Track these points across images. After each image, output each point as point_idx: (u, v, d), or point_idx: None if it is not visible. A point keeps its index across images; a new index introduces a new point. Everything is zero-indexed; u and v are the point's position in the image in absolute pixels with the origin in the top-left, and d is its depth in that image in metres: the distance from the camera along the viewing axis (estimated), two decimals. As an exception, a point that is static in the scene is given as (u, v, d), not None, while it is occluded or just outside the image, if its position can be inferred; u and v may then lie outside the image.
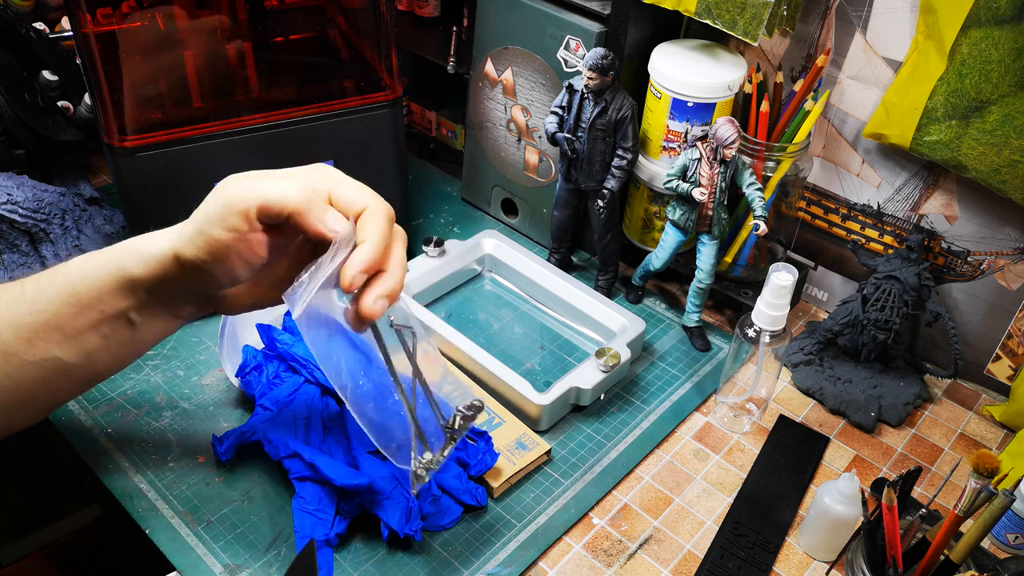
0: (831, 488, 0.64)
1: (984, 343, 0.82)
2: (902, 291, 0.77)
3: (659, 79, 0.81)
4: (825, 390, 0.81)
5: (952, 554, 0.56)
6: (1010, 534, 0.68)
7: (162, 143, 0.75)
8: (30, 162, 0.90)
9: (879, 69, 0.78)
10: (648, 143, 0.85)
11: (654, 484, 0.73)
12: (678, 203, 0.81)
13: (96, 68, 0.71)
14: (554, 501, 0.70)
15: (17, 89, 0.87)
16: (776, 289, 0.69)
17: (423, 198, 1.05)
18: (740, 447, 0.77)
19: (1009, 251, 0.77)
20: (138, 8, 0.78)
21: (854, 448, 0.77)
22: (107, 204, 0.95)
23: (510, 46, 0.89)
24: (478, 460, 0.69)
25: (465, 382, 0.77)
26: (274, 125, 0.78)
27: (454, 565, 0.65)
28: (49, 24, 0.95)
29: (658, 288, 0.93)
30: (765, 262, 0.89)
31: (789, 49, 0.83)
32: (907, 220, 0.82)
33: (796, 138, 0.80)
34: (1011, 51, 0.68)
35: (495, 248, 0.92)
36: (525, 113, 0.92)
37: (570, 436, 0.76)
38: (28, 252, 0.87)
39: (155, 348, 0.81)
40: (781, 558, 0.68)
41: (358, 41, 0.87)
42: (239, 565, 0.64)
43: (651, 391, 0.81)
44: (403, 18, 1.08)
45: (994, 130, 0.70)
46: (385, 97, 0.82)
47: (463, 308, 0.89)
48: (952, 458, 0.77)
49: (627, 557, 0.67)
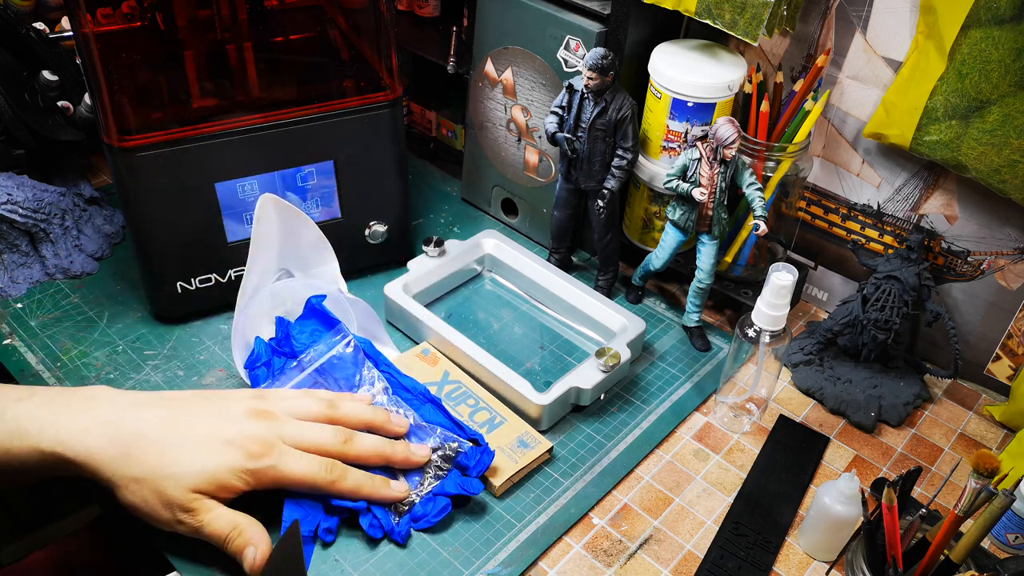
0: (831, 488, 0.64)
1: (984, 343, 0.82)
2: (902, 291, 0.77)
3: (659, 79, 0.81)
4: (825, 390, 0.81)
5: (952, 554, 0.56)
6: (1010, 534, 0.68)
7: (162, 143, 0.75)
8: (30, 162, 0.90)
9: (879, 69, 0.78)
10: (648, 143, 0.85)
11: (654, 484, 0.73)
12: (678, 203, 0.81)
13: (96, 68, 0.71)
14: (554, 501, 0.70)
15: (17, 89, 0.87)
16: (776, 289, 0.69)
17: (423, 198, 1.05)
18: (740, 447, 0.77)
19: (1009, 251, 0.77)
20: (138, 8, 0.78)
21: (854, 448, 0.77)
22: (107, 204, 0.95)
23: (510, 46, 0.89)
24: (477, 461, 0.68)
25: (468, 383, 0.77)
26: (274, 125, 0.78)
27: (454, 565, 0.65)
28: (49, 24, 0.95)
29: (658, 288, 0.94)
30: (765, 262, 0.89)
31: (789, 49, 0.83)
32: (907, 220, 0.82)
33: (796, 138, 0.80)
34: (1011, 51, 0.68)
35: (495, 248, 0.92)
36: (525, 113, 0.92)
37: (570, 436, 0.76)
38: (28, 252, 0.87)
39: (155, 348, 0.81)
40: (781, 558, 0.68)
41: (358, 41, 0.87)
42: (239, 565, 0.63)
43: (651, 391, 0.81)
44: (403, 18, 1.08)
45: (994, 130, 0.70)
46: (385, 97, 0.82)
47: (463, 308, 0.89)
48: (952, 458, 0.77)
49: (627, 557, 0.67)
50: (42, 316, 0.84)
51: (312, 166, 0.82)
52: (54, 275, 0.88)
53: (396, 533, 0.65)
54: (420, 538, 0.66)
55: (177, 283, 0.82)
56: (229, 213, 0.80)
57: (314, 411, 0.67)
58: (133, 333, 0.83)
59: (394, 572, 0.64)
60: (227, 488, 0.61)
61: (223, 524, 0.60)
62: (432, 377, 0.78)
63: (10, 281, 0.86)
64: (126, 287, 0.88)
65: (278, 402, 0.66)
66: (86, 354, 0.80)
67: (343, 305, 0.78)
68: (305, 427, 0.65)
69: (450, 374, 0.78)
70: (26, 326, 0.82)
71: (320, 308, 0.75)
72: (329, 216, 0.86)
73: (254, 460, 0.61)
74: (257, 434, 0.62)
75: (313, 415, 0.66)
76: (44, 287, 0.87)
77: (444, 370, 0.78)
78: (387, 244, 0.90)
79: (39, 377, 0.77)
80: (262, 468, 0.61)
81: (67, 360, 0.79)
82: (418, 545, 0.66)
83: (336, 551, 0.65)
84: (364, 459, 0.66)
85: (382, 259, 0.91)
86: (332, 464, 0.64)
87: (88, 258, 0.89)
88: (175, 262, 0.81)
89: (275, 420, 0.64)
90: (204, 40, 0.82)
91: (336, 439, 0.65)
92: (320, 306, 0.75)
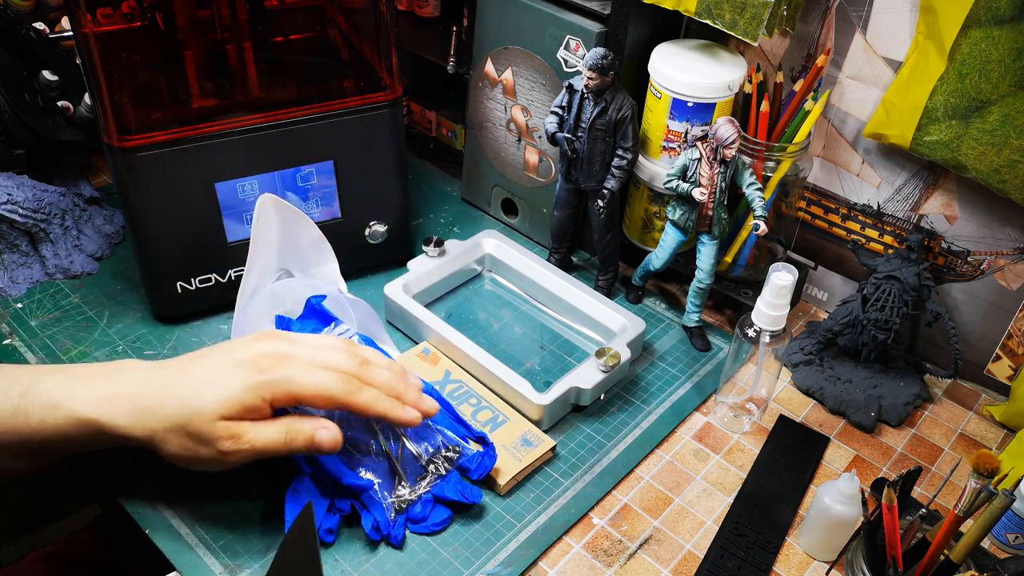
0: (831, 488, 0.64)
1: (984, 343, 0.82)
2: (902, 291, 0.77)
3: (659, 79, 0.81)
4: (825, 390, 0.81)
5: (952, 554, 0.56)
6: (1010, 534, 0.68)
7: (162, 143, 0.75)
8: (30, 162, 0.90)
9: (879, 69, 0.78)
10: (648, 143, 0.85)
11: (654, 484, 0.73)
12: (678, 203, 0.81)
13: (96, 68, 0.71)
14: (554, 501, 0.70)
15: (17, 89, 0.87)
16: (776, 289, 0.69)
17: (423, 198, 1.05)
18: (740, 447, 0.77)
19: (1009, 251, 0.77)
20: (138, 8, 0.78)
21: (854, 448, 0.77)
22: (107, 204, 0.95)
23: (510, 46, 0.89)
24: (478, 464, 0.68)
25: (469, 383, 0.78)
26: (274, 125, 0.78)
27: (454, 565, 0.65)
28: (49, 24, 0.95)
29: (658, 288, 0.94)
30: (765, 262, 0.89)
31: (789, 49, 0.83)
32: (907, 220, 0.82)
33: (796, 138, 0.80)
34: (1011, 51, 0.68)
35: (495, 248, 0.92)
36: (525, 113, 0.92)
37: (570, 436, 0.76)
38: (28, 252, 0.87)
39: (155, 348, 0.81)
40: (781, 558, 0.68)
41: (358, 41, 0.87)
42: (239, 565, 0.64)
43: (651, 391, 0.81)
44: (403, 18, 1.08)
45: (994, 130, 0.70)
46: (385, 97, 0.82)
47: (463, 308, 0.89)
48: (952, 458, 0.77)
49: (627, 557, 0.67)
50: (42, 316, 0.84)
51: (312, 166, 0.82)
52: (54, 275, 0.88)
53: (393, 537, 0.65)
54: (420, 538, 0.66)
55: (177, 283, 0.82)
56: (229, 213, 0.80)
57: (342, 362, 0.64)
58: (133, 333, 0.83)
59: (394, 572, 0.64)
60: (251, 408, 0.59)
61: (273, 433, 0.60)
62: (434, 376, 0.78)
63: (10, 281, 0.86)
64: (126, 287, 0.88)
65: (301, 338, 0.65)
66: (86, 354, 0.80)
67: (343, 305, 0.78)
68: (318, 348, 0.63)
69: (451, 373, 0.78)
70: (26, 326, 0.82)
71: (320, 308, 0.75)
72: (329, 216, 0.86)
73: (266, 372, 0.60)
74: (267, 350, 0.61)
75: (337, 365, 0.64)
76: (44, 287, 0.87)
77: (445, 369, 0.78)
78: (387, 244, 0.90)
79: (39, 377, 0.77)
80: (275, 380, 0.60)
81: (67, 360, 0.79)
82: (418, 545, 0.66)
83: (336, 551, 0.65)
84: (376, 386, 0.64)
85: (382, 259, 0.91)
86: (348, 377, 0.62)
87: (88, 258, 0.89)
88: (175, 262, 0.81)
89: (288, 340, 0.63)
90: (204, 40, 0.82)
91: (351, 362, 0.63)
92: (320, 306, 0.75)
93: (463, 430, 0.71)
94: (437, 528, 0.67)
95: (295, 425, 0.61)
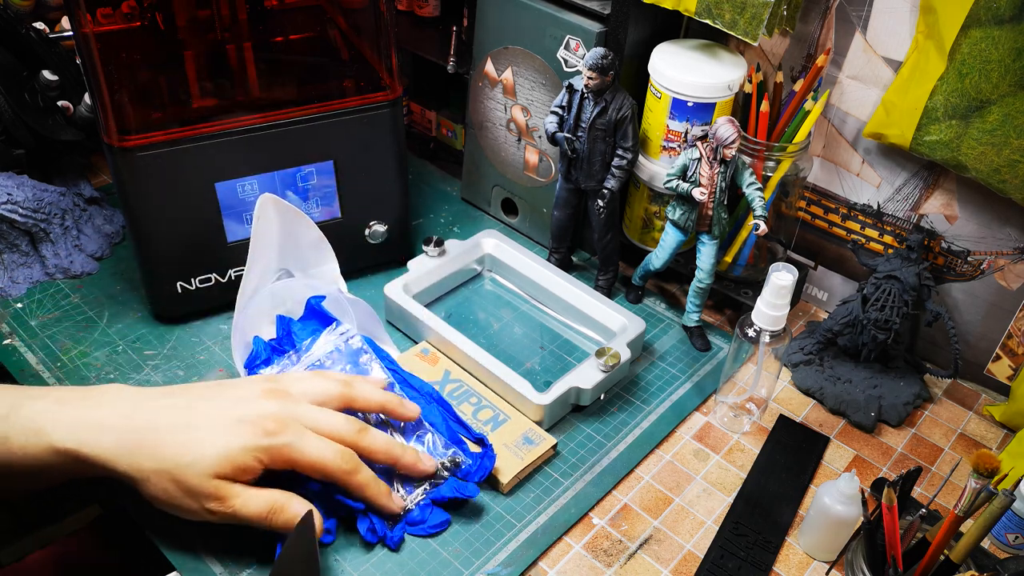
0: (831, 488, 0.64)
1: (984, 343, 0.82)
2: (902, 291, 0.77)
3: (659, 79, 0.81)
4: (825, 390, 0.81)
5: (952, 554, 0.56)
6: (1010, 534, 0.68)
7: (162, 143, 0.75)
8: (30, 162, 0.90)
9: (879, 69, 0.78)
10: (648, 143, 0.85)
11: (654, 484, 0.73)
12: (678, 203, 0.81)
13: (96, 68, 0.71)
14: (554, 501, 0.70)
15: (17, 89, 0.87)
16: (776, 289, 0.69)
17: (423, 198, 1.05)
18: (740, 447, 0.77)
19: (1009, 251, 0.77)
20: (138, 8, 0.78)
21: (854, 448, 0.77)
22: (107, 204, 0.95)
23: (510, 46, 0.89)
24: (478, 467, 0.68)
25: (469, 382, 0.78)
26: (274, 125, 0.78)
27: (454, 565, 0.65)
28: (49, 24, 0.95)
29: (658, 288, 0.94)
30: (765, 262, 0.89)
31: (789, 49, 0.83)
32: (907, 220, 0.82)
33: (796, 138, 0.80)
34: (1011, 51, 0.68)
35: (495, 248, 0.92)
36: (525, 113, 0.92)
37: (570, 436, 0.76)
38: (28, 252, 0.87)
39: (155, 348, 0.81)
40: (781, 558, 0.68)
41: (358, 41, 0.87)
42: (239, 565, 0.64)
43: (651, 391, 0.81)
44: (403, 18, 1.08)
45: (994, 130, 0.70)
46: (385, 97, 0.82)
47: (463, 308, 0.89)
48: (952, 458, 0.77)
49: (627, 557, 0.67)
50: (42, 316, 0.84)
51: (312, 166, 0.82)
52: (54, 275, 0.88)
53: (390, 539, 0.65)
54: (420, 538, 0.66)
55: (177, 283, 0.82)
56: (229, 213, 0.80)
57: (329, 391, 0.65)
58: (133, 333, 0.83)
59: (394, 572, 0.64)
60: (245, 470, 0.59)
61: (259, 504, 0.60)
62: (434, 376, 0.78)
63: (10, 281, 0.86)
64: (126, 287, 0.88)
65: (292, 383, 0.65)
66: (86, 354, 0.80)
67: (343, 305, 0.78)
68: (320, 411, 0.64)
69: (451, 373, 0.78)
70: (26, 326, 0.82)
71: (320, 309, 0.75)
72: (329, 216, 0.86)
73: (269, 437, 0.60)
74: (271, 412, 0.61)
75: (328, 394, 0.65)
76: (44, 287, 0.87)
77: (445, 369, 0.79)
78: (387, 244, 0.90)
79: (39, 377, 0.77)
80: (277, 445, 0.60)
81: (67, 360, 0.79)
82: (418, 545, 0.66)
83: (336, 551, 0.65)
84: (374, 453, 0.65)
85: (382, 259, 0.91)
86: (349, 454, 0.62)
87: (88, 258, 0.89)
88: (175, 262, 0.81)
89: (290, 400, 0.63)
90: (204, 40, 0.82)
91: (351, 428, 0.64)
92: (320, 307, 0.75)
93: (462, 430, 0.71)
94: (435, 531, 0.67)
95: (279, 504, 0.60)
